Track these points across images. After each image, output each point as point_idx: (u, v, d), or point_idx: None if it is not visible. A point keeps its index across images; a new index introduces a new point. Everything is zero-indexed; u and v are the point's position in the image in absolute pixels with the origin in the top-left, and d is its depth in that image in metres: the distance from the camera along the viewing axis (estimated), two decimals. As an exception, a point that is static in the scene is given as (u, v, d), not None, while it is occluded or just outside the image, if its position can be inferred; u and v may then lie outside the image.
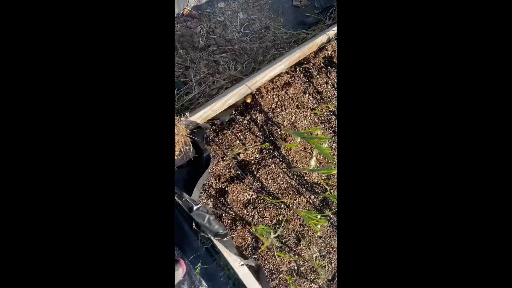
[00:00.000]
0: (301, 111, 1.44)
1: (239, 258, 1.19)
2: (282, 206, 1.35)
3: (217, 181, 1.26)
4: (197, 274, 1.28)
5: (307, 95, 1.47)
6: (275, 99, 1.41)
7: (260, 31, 1.59)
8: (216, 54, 1.46)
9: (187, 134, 1.11)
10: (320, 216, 1.27)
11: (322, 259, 1.39)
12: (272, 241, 1.26)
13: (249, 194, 1.30)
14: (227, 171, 1.28)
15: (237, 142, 1.31)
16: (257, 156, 1.34)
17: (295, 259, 1.34)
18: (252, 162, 1.33)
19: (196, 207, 1.09)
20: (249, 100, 1.34)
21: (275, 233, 1.25)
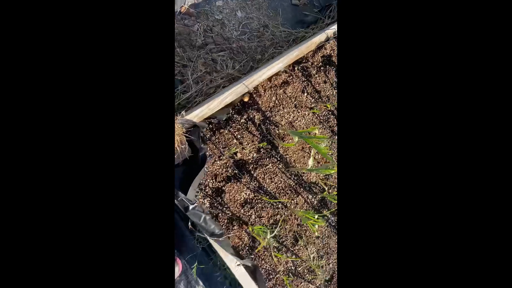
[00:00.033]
0: (299, 110, 1.43)
1: (235, 258, 1.18)
2: (279, 206, 1.34)
3: (214, 180, 1.25)
4: (193, 273, 1.27)
5: (306, 94, 1.46)
6: (273, 98, 1.40)
7: (258, 29, 1.58)
8: (214, 52, 1.45)
9: (183, 133, 1.10)
10: (317, 216, 1.25)
11: (319, 259, 1.38)
12: (269, 241, 1.25)
13: (246, 193, 1.29)
14: (224, 170, 1.27)
15: (234, 141, 1.30)
16: (255, 155, 1.33)
17: (293, 260, 1.33)
18: (249, 161, 1.32)
19: (192, 207, 1.08)
20: (246, 99, 1.33)
21: (271, 233, 1.24)
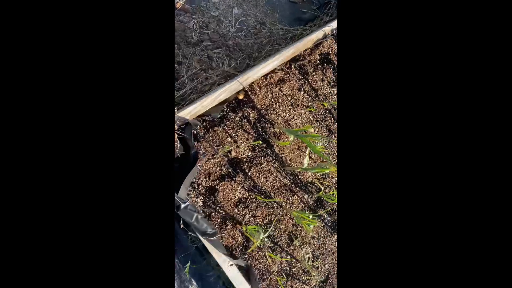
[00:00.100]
0: (296, 109, 1.41)
1: (228, 258, 1.16)
2: (274, 205, 1.32)
3: (207, 179, 1.23)
4: (186, 273, 1.25)
5: (302, 92, 1.44)
6: (269, 96, 1.37)
7: (255, 26, 1.56)
8: (209, 49, 1.43)
9: (175, 130, 1.08)
10: (312, 216, 1.23)
11: (315, 260, 1.36)
12: (263, 241, 1.23)
13: (240, 192, 1.27)
14: (217, 169, 1.25)
15: (229, 139, 1.28)
16: (249, 154, 1.31)
17: (287, 260, 1.31)
18: (244, 160, 1.30)
19: (183, 206, 1.06)
20: (241, 96, 1.31)
21: (265, 233, 1.22)
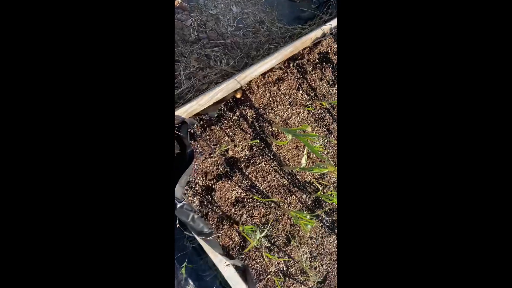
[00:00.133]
0: (294, 108, 1.40)
1: (224, 258, 1.15)
2: (272, 205, 1.31)
3: (204, 178, 1.22)
4: (182, 273, 1.25)
5: (301, 91, 1.43)
6: (267, 95, 1.36)
7: (254, 25, 1.55)
8: (207, 48, 1.42)
9: (172, 129, 1.07)
10: (310, 216, 1.22)
11: (313, 260, 1.35)
12: (260, 241, 1.22)
13: (237, 192, 1.26)
14: (214, 168, 1.24)
15: (226, 138, 1.27)
16: (247, 153, 1.30)
17: (285, 260, 1.30)
18: (241, 159, 1.29)
19: (179, 205, 1.05)
20: (239, 95, 1.30)
21: (262, 233, 1.21)
